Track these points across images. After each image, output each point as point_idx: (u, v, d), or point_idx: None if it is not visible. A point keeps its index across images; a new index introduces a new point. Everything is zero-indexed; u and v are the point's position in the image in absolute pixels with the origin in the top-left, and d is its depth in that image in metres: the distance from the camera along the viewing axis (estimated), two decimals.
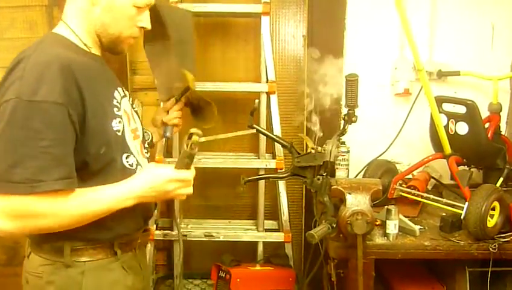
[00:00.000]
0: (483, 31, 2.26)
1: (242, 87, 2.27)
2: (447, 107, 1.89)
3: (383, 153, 2.16)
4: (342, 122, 1.62)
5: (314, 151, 1.52)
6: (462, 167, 1.95)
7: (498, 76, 2.10)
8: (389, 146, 2.15)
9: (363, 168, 2.12)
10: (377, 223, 1.74)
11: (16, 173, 0.99)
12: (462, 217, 1.65)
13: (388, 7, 1.94)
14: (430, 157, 1.96)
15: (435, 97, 1.79)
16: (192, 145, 1.12)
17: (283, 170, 2.16)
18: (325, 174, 1.52)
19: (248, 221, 2.44)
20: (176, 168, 1.14)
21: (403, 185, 1.95)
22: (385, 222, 1.67)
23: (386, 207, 1.68)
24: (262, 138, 2.24)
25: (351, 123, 1.58)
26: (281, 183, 2.26)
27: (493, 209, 1.64)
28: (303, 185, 2.44)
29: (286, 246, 2.28)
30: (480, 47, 2.26)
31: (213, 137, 1.22)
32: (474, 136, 1.84)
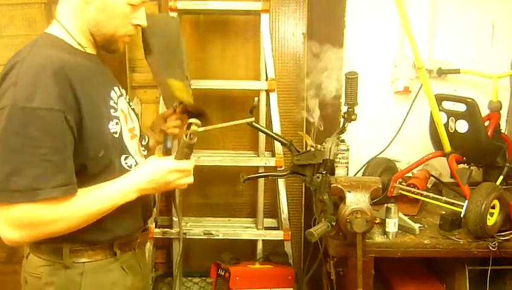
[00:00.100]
0: (483, 29, 2.25)
1: (241, 85, 2.26)
2: (447, 105, 1.88)
3: (383, 151, 2.15)
4: (342, 120, 1.62)
5: (313, 149, 1.51)
6: (462, 165, 1.95)
7: (498, 74, 2.10)
8: (389, 144, 2.14)
9: (363, 166, 2.12)
10: (377, 221, 1.74)
11: (14, 182, 0.99)
12: (462, 216, 1.65)
13: (388, 5, 1.93)
14: (430, 155, 1.96)
15: (435, 95, 1.79)
16: (191, 135, 1.12)
17: (282, 168, 2.15)
18: (325, 172, 1.52)
19: (247, 219, 2.44)
20: (176, 158, 1.15)
21: (403, 183, 1.95)
22: (385, 220, 1.67)
23: (386, 205, 1.68)
24: (261, 136, 2.23)
25: (351, 121, 1.58)
26: (281, 181, 2.26)
27: (493, 207, 1.64)
28: (302, 183, 2.43)
29: (285, 244, 2.27)
30: (480, 45, 2.26)
31: (212, 126, 1.21)
32: (474, 134, 1.84)
